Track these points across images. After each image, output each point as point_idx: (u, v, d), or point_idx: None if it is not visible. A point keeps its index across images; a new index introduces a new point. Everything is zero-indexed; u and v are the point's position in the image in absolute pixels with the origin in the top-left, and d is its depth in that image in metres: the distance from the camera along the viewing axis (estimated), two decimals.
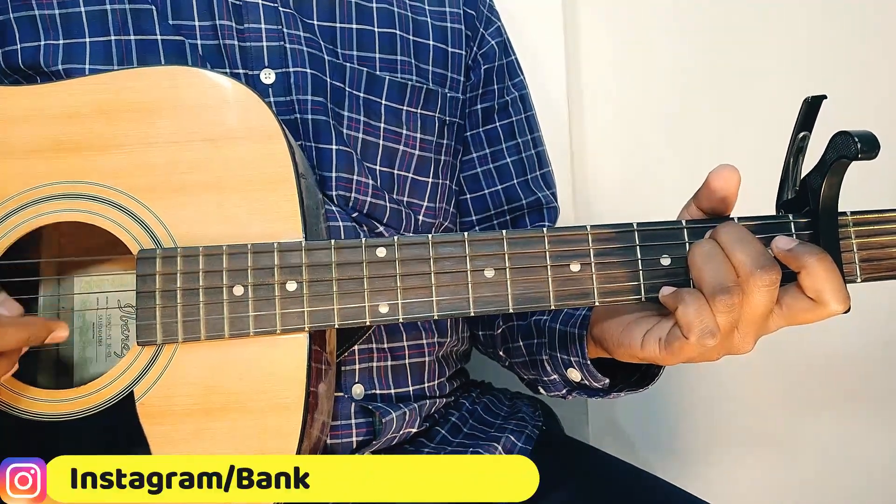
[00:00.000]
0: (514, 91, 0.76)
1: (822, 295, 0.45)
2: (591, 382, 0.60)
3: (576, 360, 0.59)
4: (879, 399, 1.09)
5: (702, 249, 0.46)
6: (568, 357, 0.60)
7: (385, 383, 0.63)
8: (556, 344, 0.61)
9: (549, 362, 0.63)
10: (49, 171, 0.50)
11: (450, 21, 0.71)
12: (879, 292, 0.99)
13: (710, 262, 0.45)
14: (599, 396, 0.63)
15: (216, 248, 0.48)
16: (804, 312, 0.46)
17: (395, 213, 0.66)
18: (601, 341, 0.55)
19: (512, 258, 0.48)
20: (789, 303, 0.46)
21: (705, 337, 0.44)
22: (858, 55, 1.06)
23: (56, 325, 0.47)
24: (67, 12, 0.60)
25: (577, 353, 0.59)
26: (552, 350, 0.62)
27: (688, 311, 0.45)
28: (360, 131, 0.64)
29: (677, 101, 1.07)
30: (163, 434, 0.48)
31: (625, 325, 0.51)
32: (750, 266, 0.44)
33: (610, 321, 0.53)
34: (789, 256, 0.46)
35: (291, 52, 0.62)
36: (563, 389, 0.65)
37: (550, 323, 0.63)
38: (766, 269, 0.44)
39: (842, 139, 0.44)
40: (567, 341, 0.60)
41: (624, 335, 0.51)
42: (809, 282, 0.45)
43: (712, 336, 0.44)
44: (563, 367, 0.61)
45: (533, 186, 0.75)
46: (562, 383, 0.64)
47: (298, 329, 0.48)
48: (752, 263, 0.44)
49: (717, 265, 0.45)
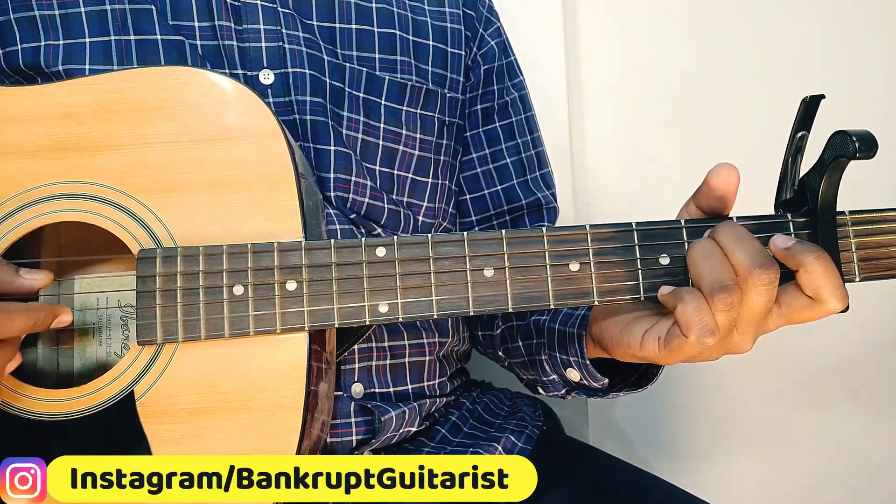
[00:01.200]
0: (513, 91, 0.76)
1: (820, 293, 0.45)
2: (590, 382, 0.60)
3: (575, 359, 0.59)
4: (879, 398, 1.10)
5: (700, 248, 0.47)
6: (567, 357, 0.60)
7: (384, 382, 0.64)
8: (555, 344, 0.62)
9: (549, 362, 0.63)
10: (49, 171, 0.50)
11: (449, 21, 0.71)
12: (879, 292, 0.99)
13: (708, 261, 0.46)
14: (598, 396, 0.63)
15: (216, 248, 0.48)
16: (803, 311, 0.46)
17: (393, 214, 0.66)
18: (600, 341, 0.55)
19: (511, 258, 0.48)
20: (788, 301, 0.46)
21: (705, 335, 0.44)
22: (858, 55, 1.06)
23: (60, 310, 0.47)
24: (67, 13, 0.60)
25: (577, 353, 0.59)
26: (551, 350, 0.62)
27: (687, 309, 0.45)
28: (360, 131, 0.64)
29: (677, 100, 1.07)
30: (163, 433, 0.48)
31: (624, 325, 0.51)
32: (749, 265, 0.44)
33: (609, 320, 0.53)
34: (787, 255, 0.46)
35: (290, 53, 0.62)
36: (562, 390, 0.65)
37: (550, 323, 0.63)
38: (765, 268, 0.44)
39: (840, 138, 0.44)
40: (566, 341, 0.60)
41: (623, 335, 0.51)
42: (807, 280, 0.45)
43: (711, 334, 0.44)
44: (563, 367, 0.61)
45: (532, 187, 0.75)
46: (561, 383, 0.64)
47: (298, 328, 0.48)
48: (751, 262, 0.44)
49: (716, 264, 0.45)
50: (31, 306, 0.46)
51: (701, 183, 0.48)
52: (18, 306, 0.45)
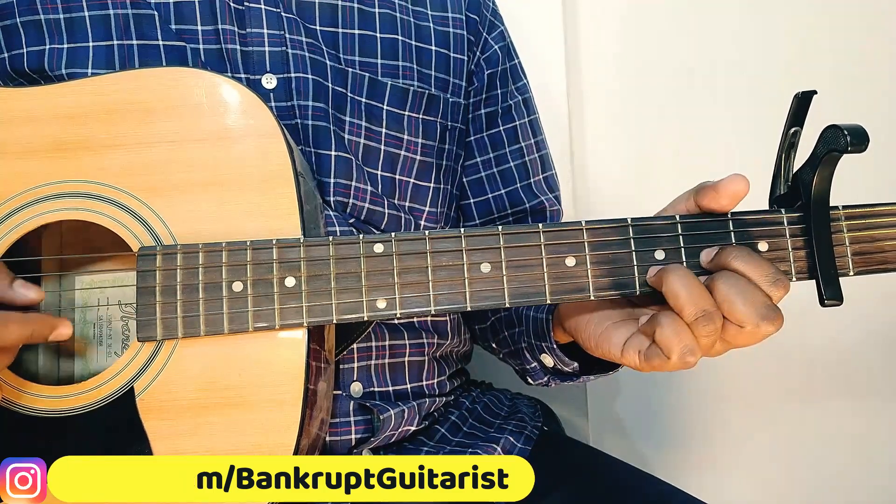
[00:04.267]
0: (517, 95, 0.76)
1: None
2: (562, 367, 0.60)
3: (546, 345, 0.60)
4: (879, 397, 1.09)
5: (677, 277, 0.46)
6: (541, 343, 0.61)
7: (383, 381, 0.64)
8: (531, 331, 0.62)
9: (528, 350, 0.64)
10: (50, 171, 0.51)
11: (452, 26, 0.72)
12: (878, 291, 0.99)
13: (687, 290, 0.45)
14: (572, 380, 0.63)
15: (216, 245, 0.49)
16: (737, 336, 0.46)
17: (393, 219, 0.66)
18: (574, 335, 0.55)
19: (508, 253, 0.49)
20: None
21: (685, 356, 0.45)
22: (854, 53, 1.06)
23: (59, 323, 0.47)
24: (72, 17, 0.61)
25: (547, 339, 0.59)
26: (528, 337, 0.63)
27: (665, 332, 0.45)
28: (362, 136, 0.65)
29: (677, 100, 1.08)
30: (162, 429, 0.48)
31: (602, 328, 0.51)
32: (756, 320, 0.44)
33: (583, 317, 0.53)
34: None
35: (293, 58, 0.63)
36: (543, 377, 0.65)
37: (527, 311, 0.64)
38: (771, 321, 0.44)
39: (832, 133, 0.45)
40: (539, 327, 0.61)
41: (602, 339, 0.51)
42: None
43: (693, 355, 0.45)
44: (538, 352, 0.62)
45: (536, 190, 0.75)
46: (541, 370, 0.64)
47: (297, 325, 0.48)
48: (758, 317, 0.44)
49: (695, 294, 0.45)
50: (28, 317, 0.46)
51: (709, 183, 0.48)
52: (16, 316, 0.45)
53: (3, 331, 0.44)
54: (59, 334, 0.47)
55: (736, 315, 0.44)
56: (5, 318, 0.45)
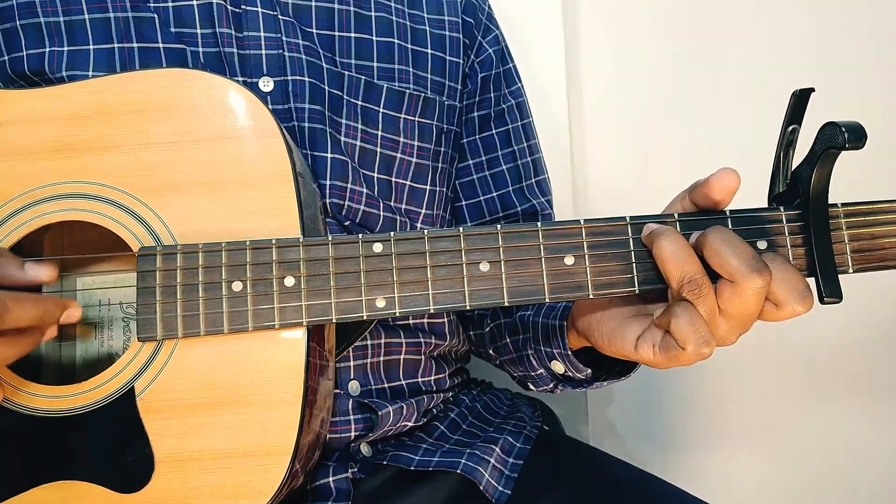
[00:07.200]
0: (510, 99, 0.77)
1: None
2: (574, 374, 0.60)
3: (558, 351, 0.60)
4: (879, 396, 1.09)
5: (665, 245, 0.46)
6: (551, 349, 0.61)
7: (378, 378, 0.64)
8: (539, 337, 0.62)
9: (535, 356, 0.64)
10: (51, 172, 0.51)
11: (448, 29, 0.72)
12: (878, 290, 0.99)
13: (674, 257, 0.46)
14: (583, 387, 0.63)
15: (215, 245, 0.49)
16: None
17: (388, 222, 0.66)
18: (587, 336, 0.55)
19: (506, 252, 0.49)
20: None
21: (701, 346, 0.45)
22: (852, 51, 1.06)
23: (70, 303, 0.48)
24: (72, 20, 0.61)
25: (559, 345, 0.59)
26: (536, 344, 0.63)
27: (680, 323, 0.45)
28: (358, 139, 0.65)
29: (676, 100, 1.08)
30: (163, 428, 0.48)
31: (615, 324, 0.51)
32: (745, 270, 0.44)
33: (596, 315, 0.53)
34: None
35: (290, 61, 0.63)
36: (550, 383, 0.65)
37: (534, 317, 0.63)
38: (760, 272, 0.44)
39: (830, 130, 0.45)
40: (549, 333, 0.60)
41: (615, 336, 0.51)
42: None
43: (707, 345, 0.45)
44: (547, 359, 0.62)
45: (528, 194, 0.75)
46: (548, 377, 0.64)
47: (297, 324, 0.49)
48: (746, 267, 0.44)
49: (681, 259, 0.46)
50: (40, 297, 0.47)
51: (701, 181, 0.49)
52: (28, 295, 0.45)
53: (19, 309, 0.44)
54: (69, 315, 0.48)
55: (727, 268, 0.45)
56: (20, 297, 0.45)
